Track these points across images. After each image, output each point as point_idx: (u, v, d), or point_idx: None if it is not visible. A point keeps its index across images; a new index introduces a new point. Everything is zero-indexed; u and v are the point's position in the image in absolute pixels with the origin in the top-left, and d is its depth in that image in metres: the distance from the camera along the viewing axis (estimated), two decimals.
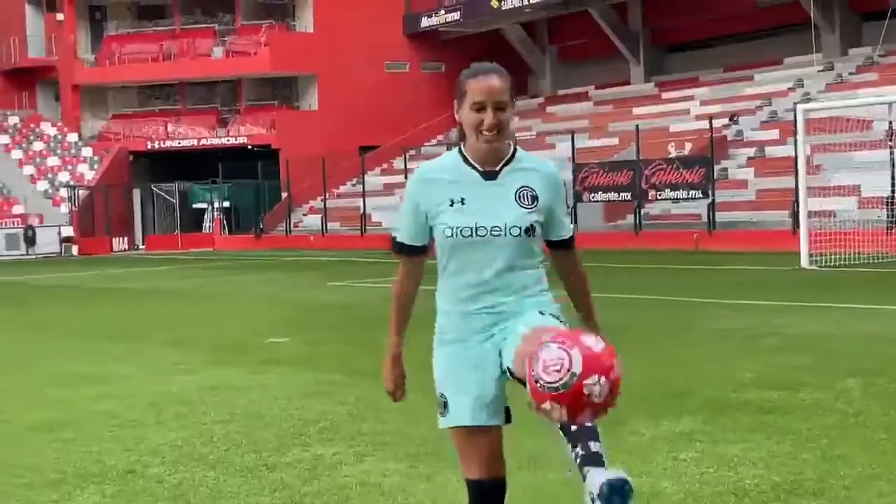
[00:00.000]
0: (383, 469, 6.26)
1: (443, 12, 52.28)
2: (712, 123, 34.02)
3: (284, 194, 48.47)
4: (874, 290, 16.82)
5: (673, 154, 36.06)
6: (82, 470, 6.55)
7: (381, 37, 51.95)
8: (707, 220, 32.00)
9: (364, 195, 43.81)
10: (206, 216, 50.19)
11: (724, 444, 6.50)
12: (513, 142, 3.84)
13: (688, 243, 30.64)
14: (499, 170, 3.77)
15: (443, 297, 3.81)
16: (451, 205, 3.73)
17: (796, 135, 24.78)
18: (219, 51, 52.83)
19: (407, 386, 3.95)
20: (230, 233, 48.79)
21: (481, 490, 3.76)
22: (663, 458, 6.21)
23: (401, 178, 43.88)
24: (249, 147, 51.04)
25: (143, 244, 49.37)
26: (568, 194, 3.92)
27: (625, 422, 7.13)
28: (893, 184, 26.65)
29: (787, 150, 32.40)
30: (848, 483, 5.57)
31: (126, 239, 48.13)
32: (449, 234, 3.72)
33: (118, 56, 52.73)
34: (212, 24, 54.01)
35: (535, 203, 3.74)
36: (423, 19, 53.15)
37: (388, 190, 45.70)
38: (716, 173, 33.36)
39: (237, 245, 46.04)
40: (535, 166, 3.80)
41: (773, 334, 11.77)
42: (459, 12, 51.35)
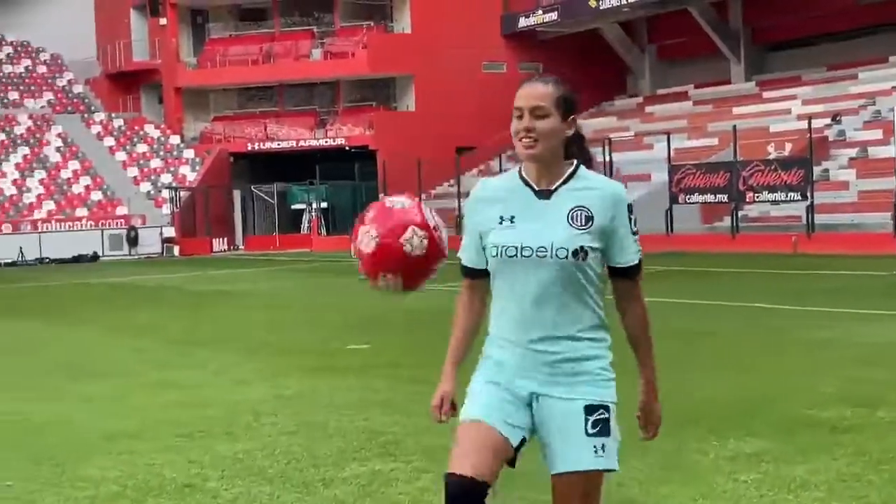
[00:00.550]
0: (440, 487, 6.18)
1: (540, 12, 52.12)
2: (811, 124, 33.36)
3: (382, 195, 48.58)
4: None
5: (773, 155, 35.47)
6: (143, 483, 6.60)
7: (479, 37, 51.94)
8: (806, 223, 31.38)
9: (459, 196, 43.77)
10: (304, 217, 50.63)
11: (790, 465, 6.32)
12: (580, 160, 3.64)
13: (786, 246, 30.08)
14: (554, 188, 3.59)
15: (491, 318, 3.66)
16: (500, 223, 3.58)
17: None
18: (317, 52, 53.28)
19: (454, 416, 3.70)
20: (327, 233, 49.14)
21: (462, 487, 3.44)
22: (724, 479, 6.06)
23: None
24: (347, 148, 51.37)
25: (243, 245, 49.99)
26: (634, 218, 3.68)
27: (690, 440, 6.99)
28: None
29: (890, 151, 31.67)
30: None
31: (226, 239, 48.76)
32: (494, 254, 3.56)
33: (219, 59, 53.46)
34: (311, 26, 54.48)
35: (588, 224, 3.52)
36: (521, 19, 53.03)
37: None
38: (816, 174, 32.74)
39: (334, 246, 46.32)
40: (595, 185, 3.58)
41: (860, 345, 11.46)
42: (557, 12, 51.14)
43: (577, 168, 3.61)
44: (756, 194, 32.92)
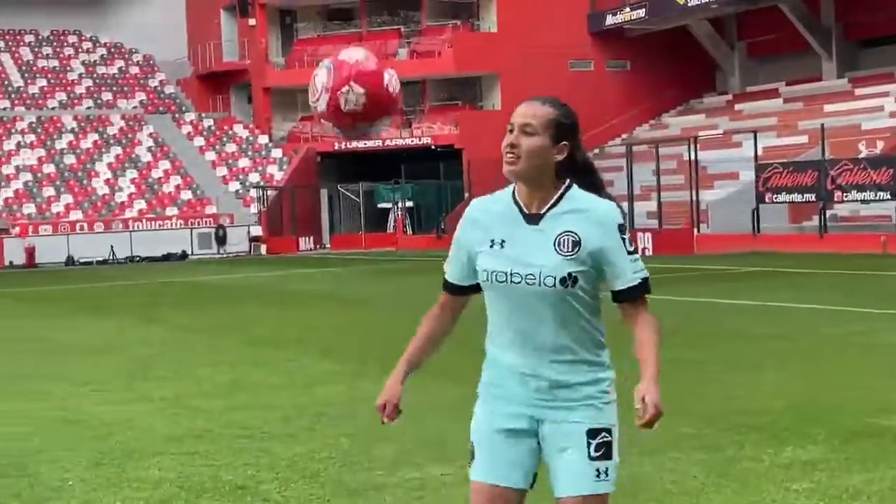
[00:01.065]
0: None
1: (628, 9, 51.74)
2: None
3: (467, 194, 48.70)
4: None
5: (864, 153, 34.83)
6: (199, 485, 6.68)
7: (565, 35, 51.72)
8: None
9: None
10: (389, 216, 50.89)
11: (846, 474, 6.22)
12: (569, 181, 3.52)
13: (875, 246, 29.53)
14: (543, 213, 3.50)
15: (487, 342, 3.63)
16: (490, 246, 3.52)
17: None
18: (404, 52, 53.50)
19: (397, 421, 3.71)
20: (413, 232, 49.33)
21: None
22: (775, 488, 5.97)
23: None
24: (433, 147, 51.50)
25: (329, 243, 50.38)
26: (627, 237, 3.50)
27: (748, 447, 6.91)
28: None
29: None
30: None
31: (312, 238, 49.17)
32: (485, 279, 3.52)
33: (307, 59, 53.90)
34: (397, 25, 54.71)
35: (575, 249, 3.43)
36: (608, 17, 52.70)
37: None
38: None
39: (419, 245, 46.49)
40: (583, 206, 3.48)
41: None
42: (645, 9, 50.73)
43: (567, 189, 3.51)
44: (844, 193, 32.36)
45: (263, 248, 46.94)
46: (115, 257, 44.06)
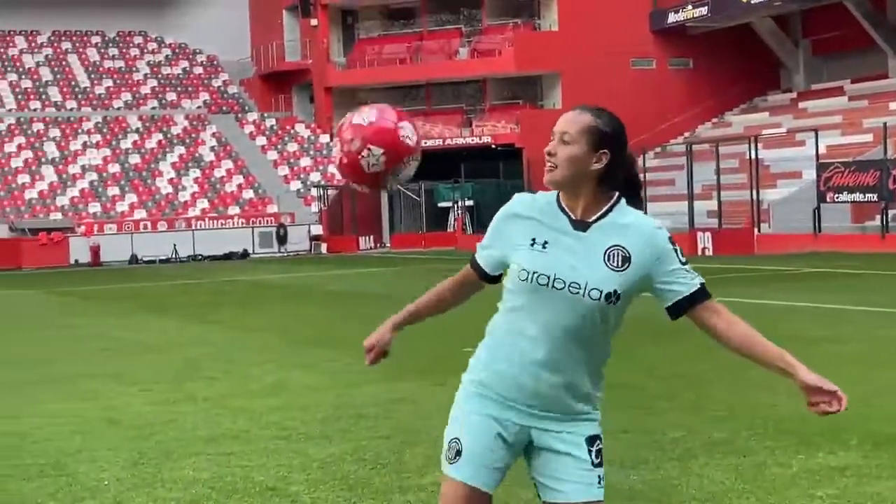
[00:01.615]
0: (516, 494, 6.19)
1: (690, 7, 51.39)
2: None
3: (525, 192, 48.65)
4: None
5: None
6: (230, 486, 6.76)
7: (627, 34, 51.49)
8: None
9: None
10: (449, 215, 50.96)
11: (873, 480, 6.17)
12: (618, 193, 3.49)
13: None
14: (592, 221, 3.47)
15: (495, 333, 3.57)
16: (531, 245, 3.46)
17: None
18: (464, 51, 53.54)
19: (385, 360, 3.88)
20: (472, 232, 49.33)
21: None
22: (799, 494, 5.94)
23: (644, 177, 43.18)
24: (494, 146, 51.49)
25: (389, 242, 50.54)
26: (678, 249, 3.47)
27: (779, 452, 6.87)
28: None
29: None
30: None
31: (372, 237, 49.36)
32: (524, 278, 3.43)
33: (368, 58, 54.16)
34: (458, 24, 54.76)
35: (625, 265, 3.41)
36: (670, 15, 52.39)
37: None
38: None
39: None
40: (634, 222, 3.45)
41: None
42: (707, 7, 50.36)
43: (617, 201, 3.48)
44: None
45: (324, 247, 47.21)
46: (177, 256, 44.56)
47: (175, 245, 44.82)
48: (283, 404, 9.60)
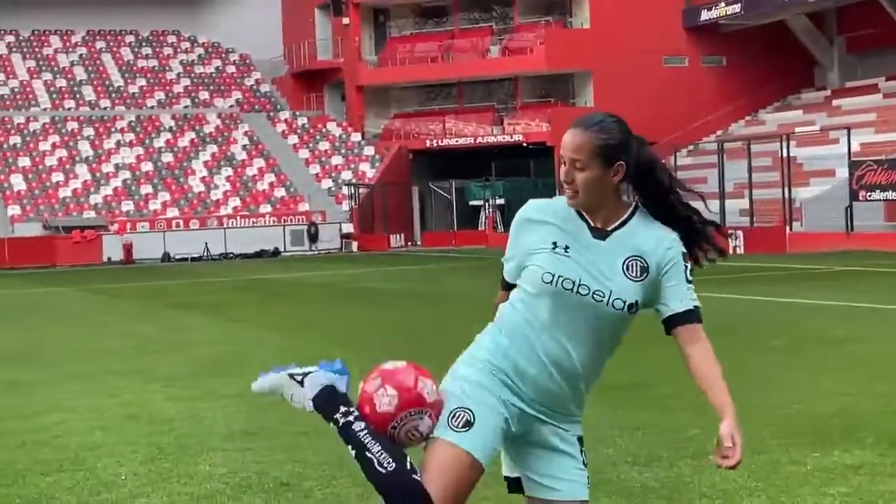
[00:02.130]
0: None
1: (723, 4, 51.11)
2: None
3: (558, 192, 48.46)
4: None
5: None
6: (245, 481, 6.80)
7: (659, 31, 51.27)
8: None
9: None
10: (480, 213, 50.95)
11: (887, 479, 6.14)
12: (636, 202, 3.52)
13: None
14: (611, 230, 3.47)
15: (511, 328, 3.52)
16: (553, 248, 3.46)
17: None
18: (496, 49, 53.50)
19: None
20: (504, 230, 49.29)
21: None
22: (811, 492, 5.92)
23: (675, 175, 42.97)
24: (525, 145, 51.41)
25: (420, 240, 50.59)
26: (688, 266, 3.51)
27: (795, 450, 6.83)
28: None
29: None
30: None
31: (403, 235, 49.41)
32: (548, 280, 3.42)
33: (400, 57, 54.20)
34: (490, 22, 54.72)
35: (643, 276, 3.44)
36: (703, 12, 52.12)
37: None
38: None
39: None
40: (652, 233, 3.47)
41: None
42: (740, 4, 50.08)
43: (635, 210, 3.50)
44: None
45: (355, 246, 47.31)
46: (208, 254, 44.75)
47: (206, 243, 45.02)
48: None
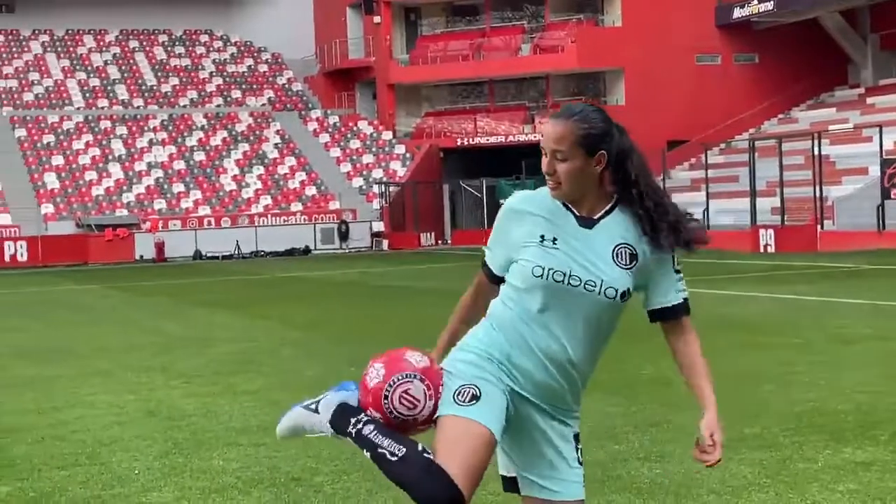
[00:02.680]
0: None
1: (756, 2, 50.81)
2: None
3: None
4: None
5: None
6: (256, 476, 6.83)
7: (692, 29, 51.05)
8: None
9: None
10: None
11: None
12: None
13: None
14: (598, 218, 3.44)
15: (505, 324, 3.49)
16: (541, 241, 3.42)
17: None
18: (527, 47, 53.44)
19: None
20: None
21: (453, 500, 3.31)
22: (819, 488, 5.89)
23: (706, 174, 42.75)
24: None
25: (450, 239, 50.59)
26: (676, 256, 3.48)
27: (808, 447, 6.79)
28: None
29: None
30: None
31: (433, 234, 49.41)
32: (539, 274, 3.39)
33: (431, 55, 54.20)
34: (521, 21, 54.66)
35: (632, 263, 3.40)
36: (736, 10, 51.84)
37: (695, 185, 44.87)
38: None
39: None
40: (636, 221, 3.44)
41: None
42: (773, 1, 49.77)
43: (620, 198, 3.47)
44: None
45: (385, 244, 47.37)
46: (239, 252, 44.91)
47: (238, 241, 45.17)
48: None
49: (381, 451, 3.42)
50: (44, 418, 9.10)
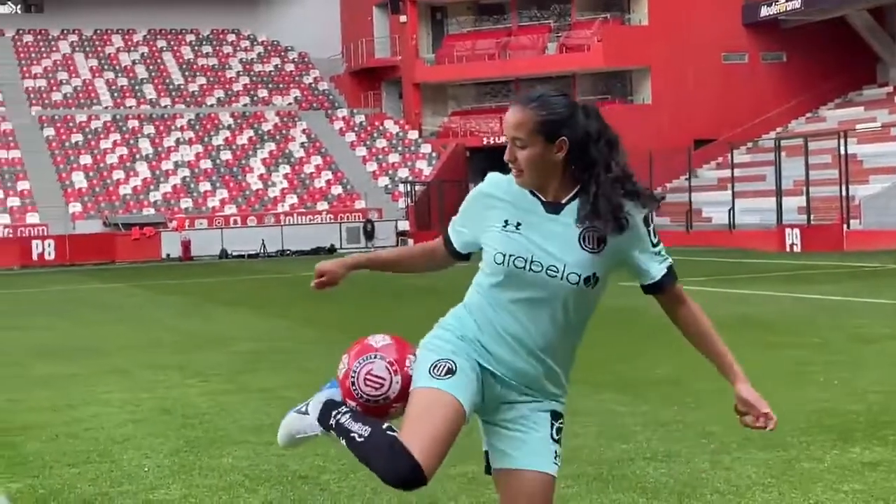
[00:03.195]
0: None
1: (783, 0, 50.59)
2: None
3: None
4: None
5: None
6: (264, 474, 6.86)
7: (718, 27, 50.89)
8: None
9: (690, 190, 42.95)
10: None
11: None
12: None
13: None
14: (564, 203, 3.42)
15: (476, 310, 3.51)
16: (504, 226, 3.42)
17: None
18: (553, 46, 53.37)
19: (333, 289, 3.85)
20: None
21: (414, 473, 3.29)
22: (824, 489, 5.87)
23: (732, 173, 42.56)
24: None
25: None
26: (652, 229, 3.43)
27: (815, 447, 6.77)
28: None
29: None
30: None
31: None
32: (500, 261, 3.40)
33: (457, 54, 54.22)
34: (547, 20, 54.59)
35: (601, 246, 3.37)
36: (763, 8, 51.62)
37: (721, 185, 44.69)
38: None
39: None
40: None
41: None
42: (801, 0, 49.54)
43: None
44: None
45: (410, 243, 47.39)
46: (265, 251, 45.05)
47: (263, 240, 45.30)
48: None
49: (352, 434, 3.47)
50: (58, 416, 9.16)
